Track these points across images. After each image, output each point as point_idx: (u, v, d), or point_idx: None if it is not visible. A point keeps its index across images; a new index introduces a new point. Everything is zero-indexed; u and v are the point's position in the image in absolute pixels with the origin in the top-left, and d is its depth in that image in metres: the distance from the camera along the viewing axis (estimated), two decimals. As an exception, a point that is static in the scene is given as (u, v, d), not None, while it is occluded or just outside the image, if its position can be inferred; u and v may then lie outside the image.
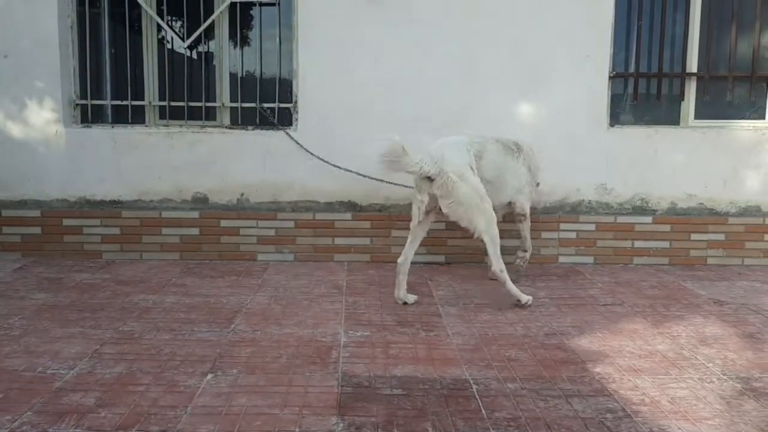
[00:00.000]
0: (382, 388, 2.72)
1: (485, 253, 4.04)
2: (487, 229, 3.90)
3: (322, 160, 4.73)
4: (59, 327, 3.45)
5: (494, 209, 4.02)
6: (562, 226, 5.25)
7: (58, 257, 5.08)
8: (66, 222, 5.11)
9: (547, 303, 4.10)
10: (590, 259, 5.26)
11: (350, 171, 5.00)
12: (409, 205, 5.16)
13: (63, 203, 5.14)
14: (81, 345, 3.17)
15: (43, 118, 5.04)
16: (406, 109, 5.09)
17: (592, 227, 5.27)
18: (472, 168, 3.98)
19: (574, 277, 4.80)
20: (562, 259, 5.25)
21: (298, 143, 3.86)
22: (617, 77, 5.28)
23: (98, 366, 2.91)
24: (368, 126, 5.06)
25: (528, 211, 4.57)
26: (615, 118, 5.34)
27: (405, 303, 3.99)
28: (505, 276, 3.96)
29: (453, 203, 3.85)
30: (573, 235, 5.23)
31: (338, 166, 5.07)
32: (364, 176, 5.06)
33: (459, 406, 2.57)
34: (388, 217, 5.20)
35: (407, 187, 4.69)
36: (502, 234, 4.04)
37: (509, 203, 4.48)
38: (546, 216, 5.26)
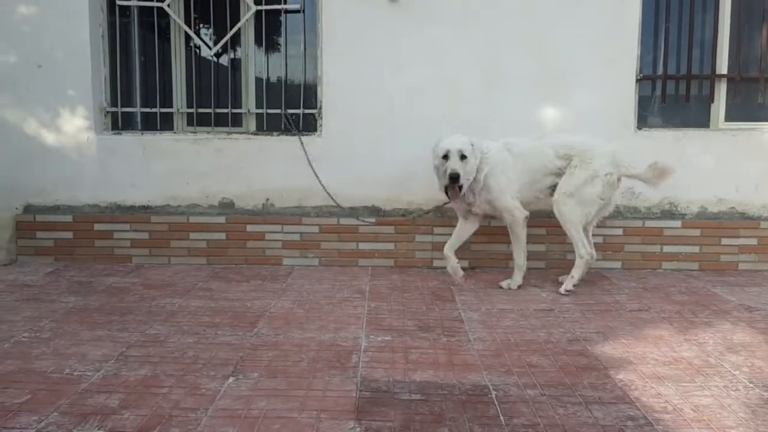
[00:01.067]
0: (400, 393, 2.72)
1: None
2: None
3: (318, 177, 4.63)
4: (87, 330, 3.53)
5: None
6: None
7: (89, 261, 5.21)
8: (97, 227, 5.23)
9: (571, 309, 4.06)
10: (617, 264, 5.19)
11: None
12: (434, 210, 5.19)
13: (94, 208, 5.27)
14: (108, 347, 3.24)
15: (75, 126, 5.17)
16: (428, 113, 5.11)
17: (620, 231, 5.20)
18: None
19: (600, 283, 4.74)
20: (588, 264, 5.18)
21: (307, 157, 3.90)
22: (645, 79, 5.21)
23: (123, 368, 2.97)
24: (391, 130, 5.10)
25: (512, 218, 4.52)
26: (643, 121, 5.27)
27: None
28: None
29: None
30: (599, 239, 5.16)
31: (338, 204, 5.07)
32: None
33: (477, 412, 2.56)
34: (412, 222, 5.21)
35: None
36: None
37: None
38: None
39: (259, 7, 5.23)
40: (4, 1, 5.04)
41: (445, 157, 4.24)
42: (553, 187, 4.51)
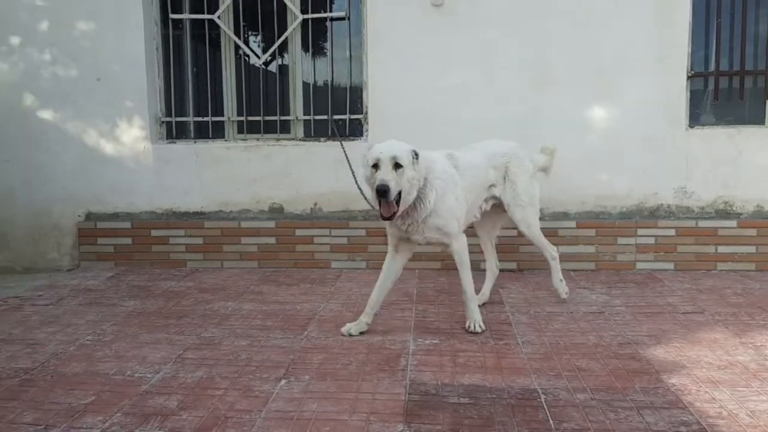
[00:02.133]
0: (448, 397, 2.75)
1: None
2: None
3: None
4: (147, 333, 3.68)
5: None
6: (640, 231, 5.10)
7: (146, 266, 5.40)
8: (154, 232, 5.42)
9: (622, 311, 4.00)
10: (670, 266, 5.08)
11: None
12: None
13: (151, 215, 5.46)
14: (166, 350, 3.37)
15: (132, 136, 5.37)
16: (474, 115, 5.11)
17: (672, 232, 5.09)
18: None
19: (652, 285, 4.66)
20: (640, 265, 5.10)
21: (348, 162, 3.94)
22: (696, 76, 5.09)
23: (181, 370, 3.08)
24: (436, 133, 5.11)
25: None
26: (695, 119, 5.15)
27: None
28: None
29: None
30: (651, 240, 5.07)
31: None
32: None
33: (526, 416, 2.57)
34: (459, 225, 5.21)
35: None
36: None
37: None
38: (622, 221, 5.13)
39: (306, 16, 5.34)
40: (66, 19, 5.27)
41: (375, 166, 3.31)
42: (485, 202, 4.07)
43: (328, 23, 5.45)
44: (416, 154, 3.37)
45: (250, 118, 5.52)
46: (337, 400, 2.73)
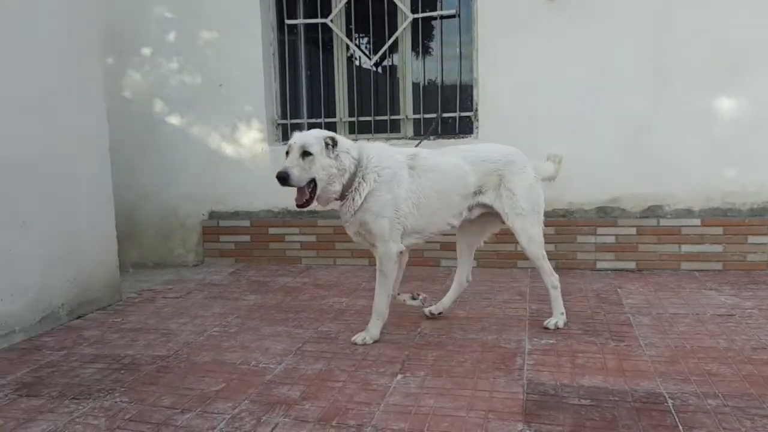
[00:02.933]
0: (568, 398, 2.68)
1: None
2: None
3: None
4: (267, 326, 3.85)
5: None
6: (774, 229, 4.76)
7: (264, 262, 5.65)
8: (271, 231, 5.66)
9: (754, 314, 3.74)
10: (810, 266, 4.70)
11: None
12: (596, 210, 5.03)
13: (268, 213, 5.70)
14: (286, 342, 3.52)
15: (250, 138, 5.64)
16: (587, 112, 4.97)
17: (813, 230, 4.70)
18: None
19: (788, 286, 4.33)
20: (774, 265, 4.75)
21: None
22: (840, 60, 4.67)
23: (301, 362, 3.20)
24: (548, 130, 5.00)
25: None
26: (838, 107, 4.73)
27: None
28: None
29: None
30: (784, 239, 4.72)
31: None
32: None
33: (653, 420, 2.46)
34: (574, 223, 5.07)
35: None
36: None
37: None
38: (755, 218, 4.79)
39: (416, 15, 5.38)
40: (191, 29, 5.62)
41: (288, 153, 3.30)
42: (469, 210, 3.64)
43: (437, 21, 5.46)
44: (333, 142, 3.27)
45: (361, 119, 5.63)
46: (454, 396, 2.74)
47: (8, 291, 3.61)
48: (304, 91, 5.89)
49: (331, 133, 3.34)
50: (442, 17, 5.42)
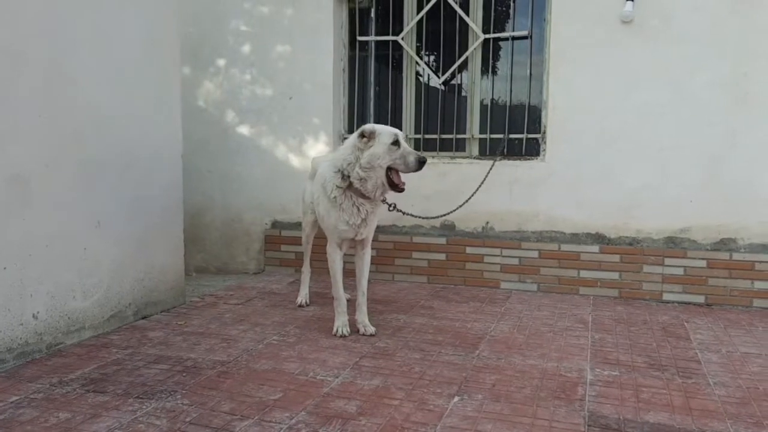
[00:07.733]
0: (632, 433, 2.60)
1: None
2: None
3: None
4: (325, 338, 3.88)
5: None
6: None
7: (324, 274, 5.52)
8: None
9: (835, 360, 3.54)
10: None
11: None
12: (665, 240, 4.88)
13: (329, 226, 5.75)
14: (343, 356, 3.53)
15: (316, 151, 5.73)
16: (661, 138, 4.83)
17: None
18: None
19: None
20: None
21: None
22: None
23: (358, 377, 3.21)
24: (619, 155, 4.91)
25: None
26: None
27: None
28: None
29: None
30: None
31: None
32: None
33: (722, 465, 2.35)
34: (641, 252, 4.93)
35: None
36: None
37: None
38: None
39: (488, 36, 5.37)
40: (266, 43, 5.76)
41: (396, 143, 3.88)
42: None
43: (508, 42, 5.44)
44: None
45: (426, 136, 5.65)
46: (513, 423, 2.69)
47: (80, 288, 3.76)
48: (371, 107, 5.94)
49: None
50: (513, 38, 5.39)
